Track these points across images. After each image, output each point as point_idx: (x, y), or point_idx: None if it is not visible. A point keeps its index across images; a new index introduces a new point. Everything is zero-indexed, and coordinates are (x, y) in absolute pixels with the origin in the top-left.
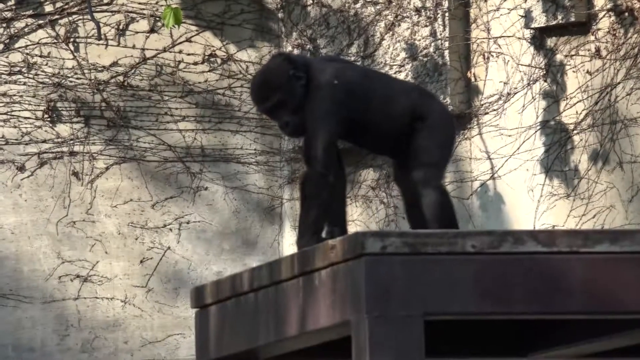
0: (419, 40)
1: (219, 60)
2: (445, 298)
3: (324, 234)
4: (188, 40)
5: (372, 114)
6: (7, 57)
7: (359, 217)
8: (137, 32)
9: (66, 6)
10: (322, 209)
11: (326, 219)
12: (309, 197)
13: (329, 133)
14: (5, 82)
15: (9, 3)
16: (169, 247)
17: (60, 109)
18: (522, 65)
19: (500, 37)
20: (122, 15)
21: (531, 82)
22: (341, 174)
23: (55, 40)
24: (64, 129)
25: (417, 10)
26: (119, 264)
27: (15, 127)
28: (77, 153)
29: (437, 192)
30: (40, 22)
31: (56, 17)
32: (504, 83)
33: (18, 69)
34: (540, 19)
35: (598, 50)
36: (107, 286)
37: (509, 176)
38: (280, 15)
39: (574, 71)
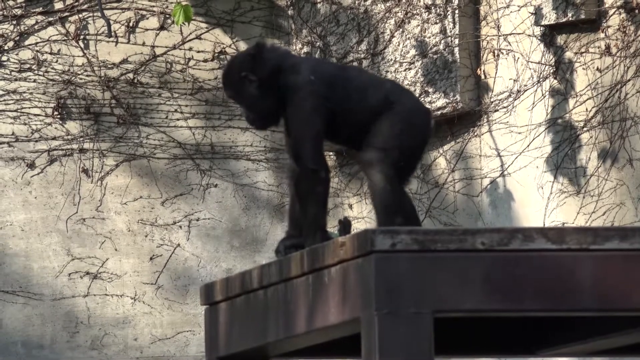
0: (429, 37)
1: (228, 58)
2: (454, 295)
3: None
4: (198, 37)
5: (349, 103)
6: (17, 54)
7: (368, 215)
8: (147, 30)
9: (76, 3)
10: (320, 205)
11: (326, 214)
12: (303, 196)
13: (315, 130)
14: (16, 79)
15: (19, 0)
16: (178, 245)
17: (70, 106)
18: (532, 62)
19: (510, 34)
20: (132, 13)
21: (541, 80)
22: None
23: (65, 38)
24: (73, 126)
25: (427, 8)
26: (129, 261)
27: (25, 124)
28: (86, 150)
29: (380, 175)
30: (51, 19)
31: (66, 14)
32: (514, 80)
33: (28, 66)
34: (550, 16)
35: (608, 47)
36: (116, 283)
37: (518, 173)
38: (290, 12)
39: (583, 68)
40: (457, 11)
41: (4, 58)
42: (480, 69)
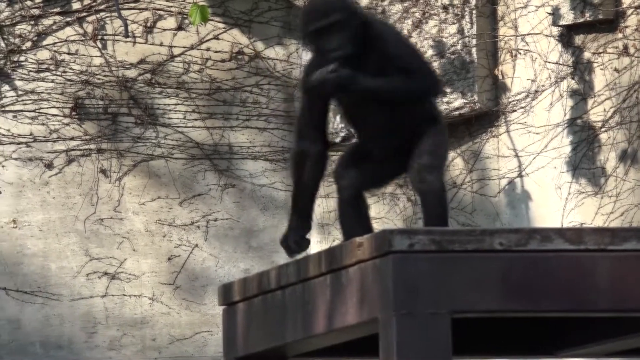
0: (447, 37)
1: (246, 58)
2: (472, 296)
3: None
4: (215, 37)
5: None
6: (35, 54)
7: (386, 215)
8: (164, 30)
9: (94, 3)
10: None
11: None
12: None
13: (422, 56)
14: (34, 80)
15: (37, 0)
16: (196, 245)
17: (87, 106)
18: (549, 62)
19: (527, 34)
20: (149, 13)
21: (559, 80)
22: (324, 153)
23: (83, 38)
24: (91, 127)
25: (445, 8)
26: (147, 262)
27: (43, 124)
28: (104, 150)
29: (439, 181)
30: (68, 19)
31: (84, 14)
32: (532, 80)
33: (46, 66)
34: (568, 16)
35: (626, 47)
36: (134, 283)
37: (536, 174)
38: None
39: (601, 69)
40: (474, 11)
41: (22, 58)
42: (498, 69)
